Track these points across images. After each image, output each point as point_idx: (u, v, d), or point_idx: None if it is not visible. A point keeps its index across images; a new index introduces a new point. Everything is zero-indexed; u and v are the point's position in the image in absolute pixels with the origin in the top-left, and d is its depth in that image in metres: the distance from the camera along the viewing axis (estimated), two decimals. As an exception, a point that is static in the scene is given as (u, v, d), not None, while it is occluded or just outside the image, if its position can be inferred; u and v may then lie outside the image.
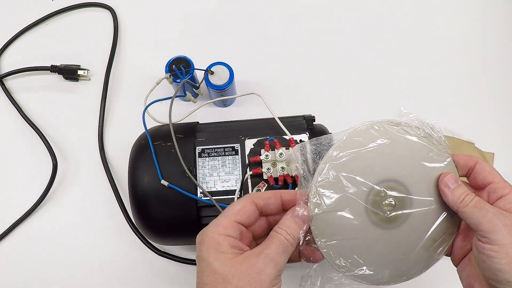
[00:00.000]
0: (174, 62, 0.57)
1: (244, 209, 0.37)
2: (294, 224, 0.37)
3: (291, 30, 0.67)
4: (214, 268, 0.34)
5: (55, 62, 0.65)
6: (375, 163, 0.38)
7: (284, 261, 0.35)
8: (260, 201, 0.38)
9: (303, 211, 0.37)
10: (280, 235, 0.36)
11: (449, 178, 0.37)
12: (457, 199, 0.36)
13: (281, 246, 0.35)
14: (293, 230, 0.36)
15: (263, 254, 0.35)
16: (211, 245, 0.35)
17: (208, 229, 0.36)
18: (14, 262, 0.58)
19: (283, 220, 0.37)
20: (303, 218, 0.37)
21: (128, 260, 0.58)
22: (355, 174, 0.38)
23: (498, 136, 0.62)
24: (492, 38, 0.67)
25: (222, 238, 0.35)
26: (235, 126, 0.51)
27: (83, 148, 0.62)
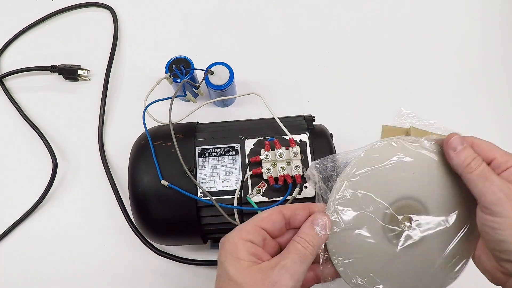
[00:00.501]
0: (174, 62, 0.57)
1: (270, 216, 0.37)
2: (312, 232, 0.36)
3: (291, 30, 0.67)
4: (229, 275, 0.34)
5: (55, 62, 0.65)
6: (392, 180, 0.38)
7: (302, 272, 0.34)
8: (288, 211, 0.37)
9: (324, 218, 0.36)
10: (298, 244, 0.35)
11: (455, 139, 0.36)
12: (462, 162, 0.35)
13: (298, 255, 0.34)
14: (313, 238, 0.36)
15: (279, 264, 0.34)
16: (229, 250, 0.35)
17: (231, 233, 0.36)
18: (14, 262, 0.58)
19: (302, 229, 0.36)
20: (323, 226, 0.36)
21: (128, 260, 0.58)
22: (372, 192, 0.37)
23: (498, 136, 0.62)
24: (492, 38, 0.67)
25: (241, 244, 0.35)
26: (235, 126, 0.51)
27: (83, 148, 0.62)
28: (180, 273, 0.57)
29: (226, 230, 0.48)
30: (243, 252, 0.34)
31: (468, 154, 0.35)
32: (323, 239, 0.36)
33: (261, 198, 0.46)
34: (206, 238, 0.52)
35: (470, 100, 0.64)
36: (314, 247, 0.35)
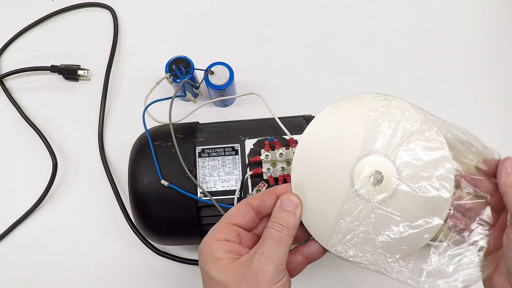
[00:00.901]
0: (174, 62, 0.57)
1: (238, 211, 0.36)
2: (284, 213, 0.36)
3: (291, 30, 0.67)
4: (212, 277, 0.33)
5: (55, 62, 0.65)
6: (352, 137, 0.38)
7: (281, 254, 0.34)
8: (255, 200, 0.37)
9: (292, 197, 0.36)
10: (271, 229, 0.35)
11: (510, 162, 0.36)
12: (510, 181, 0.35)
13: (274, 240, 0.34)
14: (285, 220, 0.35)
15: (256, 254, 0.34)
16: (207, 253, 0.34)
17: (205, 237, 0.36)
18: (14, 262, 0.58)
19: (273, 213, 0.36)
20: (292, 205, 0.36)
21: (128, 260, 0.58)
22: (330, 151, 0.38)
23: (498, 136, 0.62)
24: (492, 38, 0.67)
25: (217, 244, 0.34)
26: (235, 126, 0.51)
27: (83, 148, 0.62)
28: (180, 273, 0.57)
29: (226, 230, 0.48)
30: (220, 251, 0.34)
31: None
32: (296, 217, 0.36)
33: (261, 198, 0.46)
34: (206, 238, 0.52)
35: (470, 100, 0.64)
36: (289, 228, 0.35)
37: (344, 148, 0.38)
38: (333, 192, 0.38)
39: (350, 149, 0.38)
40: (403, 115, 0.39)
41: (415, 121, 0.39)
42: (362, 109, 0.39)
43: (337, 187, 0.38)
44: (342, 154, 0.38)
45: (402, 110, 0.39)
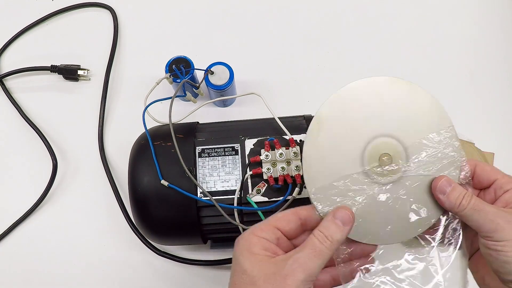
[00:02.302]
0: (174, 62, 0.57)
1: (284, 216, 0.36)
2: (333, 225, 0.35)
3: (291, 30, 0.67)
4: (243, 268, 0.34)
5: (55, 62, 0.65)
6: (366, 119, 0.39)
7: (316, 267, 0.33)
8: (304, 211, 0.37)
9: (346, 212, 0.36)
10: (315, 238, 0.34)
11: (443, 183, 0.37)
12: (454, 203, 0.36)
13: (313, 250, 0.34)
14: (332, 233, 0.35)
15: (292, 258, 0.33)
16: (244, 245, 0.35)
17: (246, 231, 0.36)
18: (14, 262, 0.58)
19: (323, 222, 0.36)
20: (344, 219, 0.35)
21: (128, 260, 0.58)
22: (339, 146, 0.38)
23: (498, 136, 0.62)
24: (492, 38, 0.67)
25: (256, 239, 0.35)
26: (235, 126, 0.51)
27: (83, 148, 0.62)
28: (180, 273, 0.57)
29: (226, 230, 0.48)
30: (258, 247, 0.34)
31: (458, 193, 0.36)
32: (344, 233, 0.35)
33: (261, 198, 0.46)
34: (206, 238, 0.52)
35: (470, 100, 0.64)
36: (333, 242, 0.34)
37: (361, 125, 0.39)
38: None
39: (366, 127, 0.39)
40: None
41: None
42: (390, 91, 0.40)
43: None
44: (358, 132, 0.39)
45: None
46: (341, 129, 0.39)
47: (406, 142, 0.38)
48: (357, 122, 0.39)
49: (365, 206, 0.38)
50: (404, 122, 0.39)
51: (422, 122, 0.39)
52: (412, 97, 0.40)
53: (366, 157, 0.38)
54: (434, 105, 0.40)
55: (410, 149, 0.38)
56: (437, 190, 0.37)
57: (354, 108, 0.39)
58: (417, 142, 0.38)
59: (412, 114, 0.39)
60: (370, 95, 0.40)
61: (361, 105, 0.39)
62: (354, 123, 0.39)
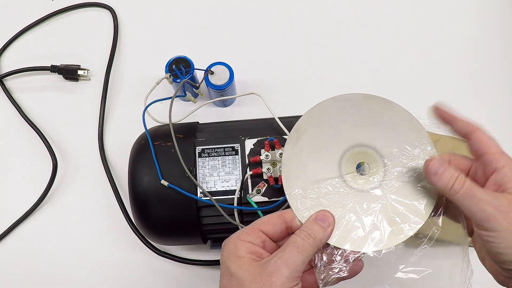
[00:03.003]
0: (174, 62, 0.57)
1: (270, 220, 0.37)
2: (315, 225, 0.36)
3: (291, 30, 0.67)
4: (230, 271, 0.35)
5: (55, 62, 0.65)
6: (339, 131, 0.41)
7: (299, 262, 0.34)
8: (289, 214, 0.38)
9: (328, 214, 0.37)
10: (297, 236, 0.36)
11: (434, 164, 0.36)
12: (445, 186, 0.35)
13: (296, 247, 0.35)
14: (315, 231, 0.36)
15: (276, 256, 0.34)
16: (230, 249, 0.36)
17: (232, 236, 0.37)
18: (14, 262, 0.58)
19: (304, 224, 0.37)
20: (325, 221, 0.37)
21: (128, 260, 0.58)
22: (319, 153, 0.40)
23: (498, 136, 0.62)
24: (492, 38, 0.67)
25: (241, 243, 0.36)
26: (235, 126, 0.51)
27: (83, 148, 0.62)
28: (180, 273, 0.57)
29: (226, 230, 0.48)
30: (243, 250, 0.35)
31: (450, 175, 0.35)
32: (326, 233, 0.36)
33: (261, 198, 0.46)
34: (206, 238, 0.52)
35: (470, 100, 0.64)
36: (315, 239, 0.35)
37: (337, 135, 0.41)
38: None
39: (343, 137, 0.41)
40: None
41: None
42: (358, 105, 0.42)
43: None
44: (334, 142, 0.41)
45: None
46: (319, 138, 0.41)
47: (382, 152, 0.40)
48: (335, 132, 0.41)
49: (343, 211, 0.38)
50: (381, 132, 0.41)
51: (399, 133, 0.40)
52: (388, 111, 0.41)
53: (343, 165, 0.40)
54: (409, 118, 0.41)
55: (386, 158, 0.40)
56: (428, 171, 0.36)
57: (333, 118, 0.41)
58: (393, 152, 0.40)
59: (388, 125, 0.41)
60: (347, 108, 0.41)
61: (339, 116, 0.41)
62: (332, 133, 0.41)
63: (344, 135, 0.41)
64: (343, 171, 0.40)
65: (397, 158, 0.39)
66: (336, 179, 0.39)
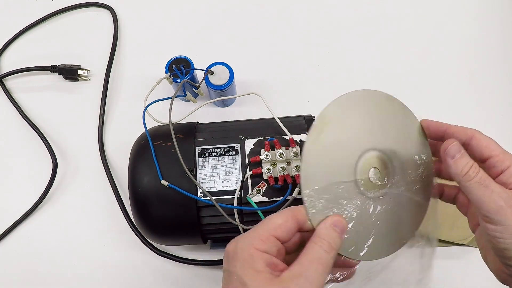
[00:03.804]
0: (174, 62, 0.57)
1: (285, 224, 0.34)
2: (334, 233, 0.34)
3: (291, 30, 0.67)
4: (247, 286, 0.31)
5: (55, 62, 0.65)
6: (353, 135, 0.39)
7: (323, 279, 0.32)
8: (302, 215, 0.35)
9: (341, 219, 0.35)
10: (320, 248, 0.33)
11: (454, 147, 0.35)
12: (460, 171, 0.34)
13: (321, 264, 0.32)
14: (335, 241, 0.34)
15: (302, 277, 0.31)
16: (246, 261, 0.32)
17: (244, 240, 0.33)
18: (14, 262, 0.58)
19: (322, 230, 0.34)
20: (341, 227, 0.35)
21: (128, 260, 0.58)
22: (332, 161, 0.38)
23: (498, 136, 0.62)
24: (492, 38, 0.67)
25: (258, 254, 0.32)
26: (235, 126, 0.51)
27: (83, 148, 0.62)
28: (180, 273, 0.57)
29: (226, 230, 0.48)
30: (261, 263, 0.32)
31: (466, 162, 0.34)
32: (341, 242, 0.34)
33: (261, 198, 0.46)
34: (206, 238, 0.52)
35: (470, 100, 0.64)
36: (336, 251, 0.33)
37: (352, 140, 0.39)
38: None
39: (358, 140, 0.39)
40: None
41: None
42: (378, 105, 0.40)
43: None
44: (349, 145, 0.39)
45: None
46: (342, 134, 0.38)
47: (393, 159, 0.39)
48: (356, 130, 0.39)
49: (352, 217, 0.37)
50: (395, 139, 0.39)
51: (411, 142, 0.40)
52: (403, 116, 0.41)
53: (359, 168, 0.38)
54: (419, 131, 0.40)
55: (397, 166, 0.39)
56: (446, 153, 0.35)
57: (356, 115, 0.39)
58: (404, 161, 0.39)
59: (402, 133, 0.40)
60: (370, 106, 0.40)
61: (364, 114, 0.39)
62: (353, 131, 0.39)
63: (365, 135, 0.39)
64: (358, 174, 0.38)
65: (405, 170, 0.39)
66: (350, 183, 0.37)
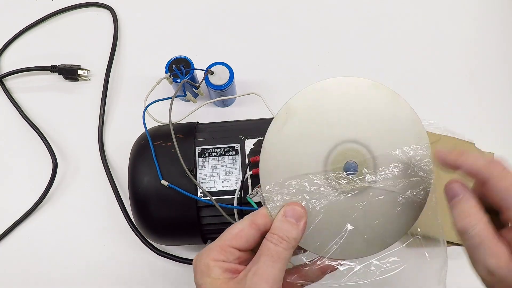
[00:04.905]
0: (174, 62, 0.57)
1: (241, 233, 0.34)
2: (286, 224, 0.33)
3: (291, 30, 0.67)
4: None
5: (55, 62, 0.65)
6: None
7: (277, 271, 0.32)
8: (261, 219, 0.34)
9: (296, 207, 0.34)
10: (269, 242, 0.32)
11: (454, 188, 0.31)
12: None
13: (270, 256, 0.32)
14: (286, 232, 0.33)
15: (250, 271, 0.32)
16: (203, 271, 0.33)
17: (203, 253, 0.34)
18: (14, 262, 0.58)
19: (274, 223, 0.33)
20: (296, 216, 0.33)
21: (128, 260, 0.58)
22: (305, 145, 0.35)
23: (498, 136, 0.62)
24: (492, 38, 0.67)
25: (213, 263, 0.33)
26: (235, 126, 0.51)
27: (83, 148, 0.62)
28: (180, 273, 0.57)
29: (226, 230, 0.48)
30: (217, 271, 0.33)
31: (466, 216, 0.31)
32: (299, 230, 0.33)
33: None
34: (206, 238, 0.52)
35: (470, 100, 0.64)
36: (289, 241, 0.32)
37: (324, 129, 0.36)
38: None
39: (331, 131, 0.36)
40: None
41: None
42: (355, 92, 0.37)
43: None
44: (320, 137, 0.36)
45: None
46: (310, 125, 0.36)
47: (375, 152, 0.36)
48: (328, 121, 0.36)
49: (319, 212, 0.35)
50: (379, 131, 0.36)
51: (398, 135, 0.36)
52: (393, 108, 0.37)
53: (330, 161, 0.36)
54: (414, 120, 0.37)
55: (379, 159, 0.36)
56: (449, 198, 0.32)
57: (329, 105, 0.37)
58: (387, 154, 0.36)
59: (389, 124, 0.36)
60: (348, 95, 0.37)
61: (337, 103, 0.37)
62: (325, 122, 0.36)
63: (338, 126, 0.36)
64: (328, 167, 0.35)
65: (389, 163, 0.35)
66: (317, 176, 0.35)
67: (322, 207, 0.35)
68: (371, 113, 0.37)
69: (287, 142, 0.36)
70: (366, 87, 0.37)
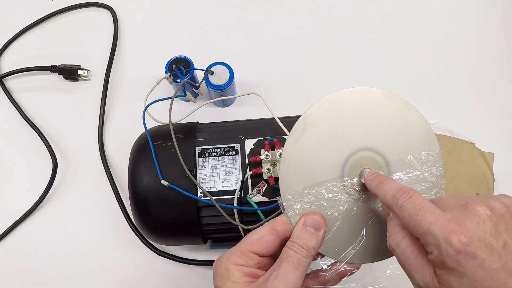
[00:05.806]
0: (174, 62, 0.57)
1: (261, 239, 0.35)
2: (306, 233, 0.34)
3: (291, 30, 0.67)
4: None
5: (55, 62, 0.65)
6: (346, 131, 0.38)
7: (297, 278, 0.33)
8: (281, 226, 0.35)
9: (316, 217, 0.35)
10: (290, 250, 0.34)
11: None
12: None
13: (291, 262, 0.33)
14: (306, 241, 0.34)
15: (271, 276, 0.33)
16: (223, 275, 0.34)
17: (223, 257, 0.35)
18: (14, 262, 0.58)
19: (294, 232, 0.35)
20: (315, 225, 0.35)
21: (128, 260, 0.58)
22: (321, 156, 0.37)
23: (498, 136, 0.62)
24: (492, 38, 0.67)
25: (233, 268, 0.34)
26: (235, 126, 0.51)
27: (83, 148, 0.62)
28: (180, 273, 0.57)
29: (226, 230, 0.48)
30: (236, 275, 0.34)
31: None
32: (318, 239, 0.35)
33: (261, 198, 0.46)
34: (206, 238, 0.52)
35: (470, 100, 0.64)
36: (309, 250, 0.34)
37: (342, 138, 0.38)
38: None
39: (348, 139, 0.38)
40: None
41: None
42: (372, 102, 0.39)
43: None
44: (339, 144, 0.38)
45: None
46: (326, 135, 0.38)
47: (389, 158, 0.38)
48: (344, 131, 0.38)
49: (337, 218, 0.37)
50: (392, 138, 0.38)
51: (410, 142, 0.38)
52: (405, 116, 0.39)
53: (347, 168, 0.38)
54: (425, 128, 0.39)
55: (392, 165, 0.37)
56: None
57: (344, 115, 0.38)
58: (400, 160, 0.37)
59: (401, 132, 0.38)
60: (362, 105, 0.39)
61: (352, 113, 0.38)
62: (341, 131, 0.38)
63: (354, 135, 0.38)
64: (345, 174, 0.37)
65: (402, 169, 0.37)
66: (334, 183, 0.37)
67: (340, 213, 0.37)
68: (384, 121, 0.38)
69: (305, 152, 0.38)
70: (379, 97, 0.39)
